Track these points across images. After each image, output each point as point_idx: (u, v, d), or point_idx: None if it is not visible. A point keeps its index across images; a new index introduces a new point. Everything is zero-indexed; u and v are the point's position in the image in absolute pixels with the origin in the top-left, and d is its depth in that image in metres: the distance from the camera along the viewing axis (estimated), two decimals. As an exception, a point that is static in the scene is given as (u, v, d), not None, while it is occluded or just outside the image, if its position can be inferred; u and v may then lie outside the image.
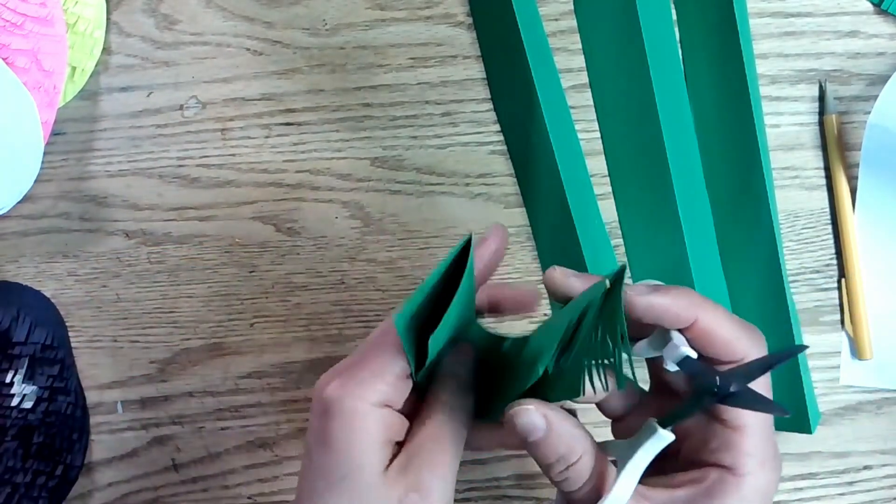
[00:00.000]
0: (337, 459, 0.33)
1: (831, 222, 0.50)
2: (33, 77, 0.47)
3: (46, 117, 0.47)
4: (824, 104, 0.50)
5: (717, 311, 0.31)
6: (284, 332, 0.49)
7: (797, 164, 0.50)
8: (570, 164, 0.47)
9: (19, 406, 0.47)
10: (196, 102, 0.50)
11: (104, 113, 0.49)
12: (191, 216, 0.49)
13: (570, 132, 0.49)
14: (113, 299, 0.49)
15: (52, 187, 0.49)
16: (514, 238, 0.49)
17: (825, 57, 0.50)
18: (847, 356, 0.50)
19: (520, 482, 0.49)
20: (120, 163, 0.49)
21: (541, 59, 0.47)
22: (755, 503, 0.30)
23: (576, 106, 0.49)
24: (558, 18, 0.50)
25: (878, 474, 0.49)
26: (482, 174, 0.50)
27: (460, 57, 0.50)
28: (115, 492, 0.49)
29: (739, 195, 0.47)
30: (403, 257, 0.49)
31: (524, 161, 0.49)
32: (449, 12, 0.50)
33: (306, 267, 0.49)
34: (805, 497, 0.49)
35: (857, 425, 0.49)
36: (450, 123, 0.50)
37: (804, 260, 0.50)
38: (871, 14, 0.50)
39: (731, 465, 0.30)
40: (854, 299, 0.49)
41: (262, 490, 0.49)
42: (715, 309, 0.31)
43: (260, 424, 0.49)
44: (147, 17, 0.50)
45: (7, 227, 0.49)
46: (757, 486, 0.30)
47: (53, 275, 0.49)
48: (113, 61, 0.50)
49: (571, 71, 0.50)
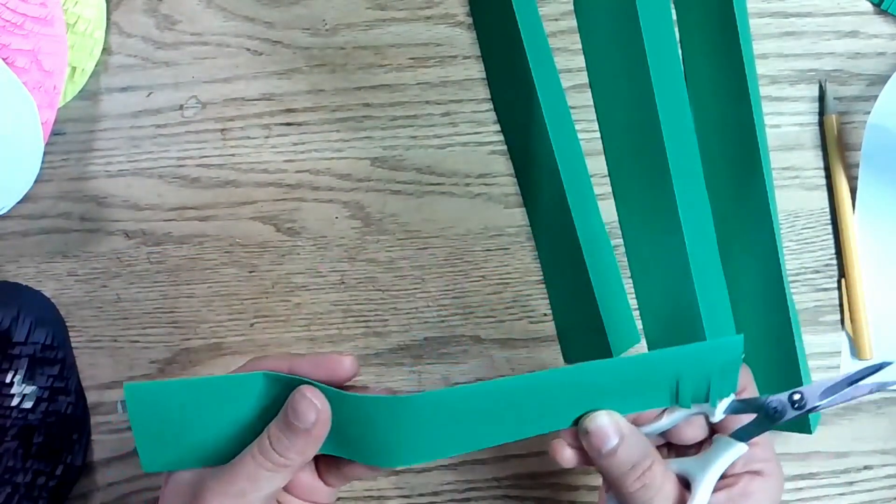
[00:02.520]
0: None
1: (831, 222, 0.50)
2: (33, 77, 0.47)
3: (46, 117, 0.47)
4: (824, 104, 0.50)
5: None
6: (284, 332, 0.49)
7: (797, 164, 0.50)
8: (570, 165, 0.47)
9: (19, 406, 0.47)
10: (196, 102, 0.50)
11: (104, 113, 0.50)
12: (191, 216, 0.49)
13: (570, 132, 0.49)
14: (113, 299, 0.49)
15: (52, 187, 0.49)
16: (514, 238, 0.50)
17: (825, 57, 0.50)
18: (847, 356, 0.50)
19: (520, 482, 0.49)
20: (120, 163, 0.49)
21: (541, 59, 0.47)
22: (777, 496, 0.36)
23: (576, 106, 0.49)
24: (558, 18, 0.50)
25: (878, 474, 0.49)
26: (482, 174, 0.50)
27: (460, 57, 0.50)
28: (115, 492, 0.49)
29: (740, 195, 0.47)
30: (403, 257, 0.49)
31: (524, 161, 0.49)
32: (449, 12, 0.50)
33: (306, 267, 0.49)
34: (805, 497, 0.49)
35: (857, 425, 0.49)
36: (450, 123, 0.50)
37: (804, 260, 0.50)
38: (871, 14, 0.50)
39: (759, 470, 0.36)
40: (854, 299, 0.49)
41: (262, 490, 0.49)
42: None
43: (260, 424, 0.49)
44: (147, 17, 0.50)
45: (7, 227, 0.49)
46: (778, 483, 0.36)
47: (53, 275, 0.49)
48: (113, 61, 0.50)
49: (571, 71, 0.50)
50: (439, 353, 0.49)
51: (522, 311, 0.49)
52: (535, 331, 0.49)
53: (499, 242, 0.49)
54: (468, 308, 0.49)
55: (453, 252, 0.49)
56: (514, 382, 0.35)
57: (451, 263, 0.49)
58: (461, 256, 0.49)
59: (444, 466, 0.49)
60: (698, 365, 0.35)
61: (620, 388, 0.35)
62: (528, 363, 0.49)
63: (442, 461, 0.49)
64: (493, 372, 0.49)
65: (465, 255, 0.49)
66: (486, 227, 0.50)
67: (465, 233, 0.50)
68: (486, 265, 0.49)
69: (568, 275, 0.47)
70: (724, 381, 0.35)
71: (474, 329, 0.49)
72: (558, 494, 0.49)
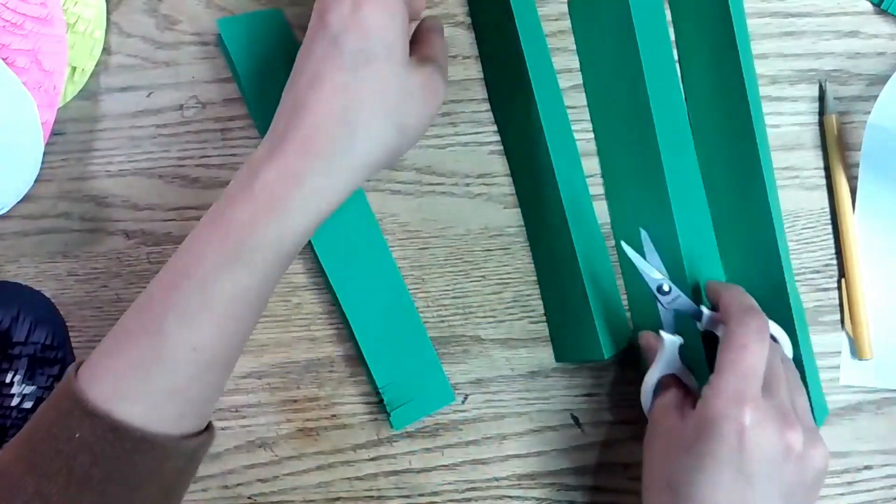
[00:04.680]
0: (373, 43, 0.38)
1: (831, 222, 0.50)
2: (33, 77, 0.47)
3: (46, 117, 0.47)
4: (824, 104, 0.50)
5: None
6: (284, 332, 0.49)
7: (797, 164, 0.50)
8: (565, 165, 0.47)
9: (19, 406, 0.47)
10: (196, 102, 0.50)
11: (104, 113, 0.50)
12: (191, 216, 0.49)
13: (566, 133, 0.49)
14: (113, 299, 0.49)
15: (52, 187, 0.49)
16: (514, 238, 0.50)
17: (825, 57, 0.50)
18: (847, 356, 0.50)
19: (520, 482, 0.49)
20: (120, 163, 0.49)
21: (539, 61, 0.47)
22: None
23: (577, 106, 0.49)
24: (558, 18, 0.50)
25: (878, 474, 0.49)
26: (482, 174, 0.50)
27: (460, 57, 0.50)
28: (115, 492, 0.49)
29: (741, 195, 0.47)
30: (403, 257, 0.49)
31: (520, 162, 0.49)
32: (449, 12, 0.50)
33: (306, 267, 0.49)
34: (805, 497, 0.49)
35: (857, 425, 0.49)
36: (450, 123, 0.50)
37: (804, 260, 0.50)
38: (871, 14, 0.50)
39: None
40: (854, 299, 0.49)
41: (262, 490, 0.49)
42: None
43: (260, 424, 0.49)
44: (147, 17, 0.50)
45: (7, 227, 0.49)
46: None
47: (53, 275, 0.49)
48: (113, 61, 0.50)
49: (571, 71, 0.50)
50: (439, 353, 0.49)
51: (522, 311, 0.49)
52: (535, 331, 0.49)
53: (499, 242, 0.49)
54: (468, 308, 0.49)
55: (453, 252, 0.49)
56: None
57: (451, 263, 0.49)
58: (461, 256, 0.49)
59: (444, 466, 0.49)
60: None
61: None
62: (529, 363, 0.49)
63: (442, 461, 0.49)
64: (494, 372, 0.49)
65: (465, 255, 0.49)
66: (486, 227, 0.50)
67: (465, 233, 0.49)
68: (486, 265, 0.49)
69: (563, 275, 0.47)
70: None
71: (474, 329, 0.49)
72: (558, 494, 0.49)
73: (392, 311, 0.48)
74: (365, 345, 0.47)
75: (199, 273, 0.37)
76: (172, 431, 0.37)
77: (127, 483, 0.36)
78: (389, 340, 0.48)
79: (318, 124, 0.38)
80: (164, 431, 0.37)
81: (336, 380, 0.49)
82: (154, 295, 0.38)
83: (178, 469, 0.38)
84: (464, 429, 0.49)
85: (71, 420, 0.36)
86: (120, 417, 0.36)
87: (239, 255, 0.37)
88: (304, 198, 0.37)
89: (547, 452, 0.49)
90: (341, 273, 0.47)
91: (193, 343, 0.37)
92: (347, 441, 0.49)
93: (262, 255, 0.37)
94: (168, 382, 0.37)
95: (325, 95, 0.38)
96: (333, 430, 0.49)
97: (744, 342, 0.40)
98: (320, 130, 0.38)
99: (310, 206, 0.38)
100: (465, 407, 0.49)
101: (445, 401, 0.49)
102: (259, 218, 0.37)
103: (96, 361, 0.37)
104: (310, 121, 0.38)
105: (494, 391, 0.49)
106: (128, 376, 0.36)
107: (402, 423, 0.48)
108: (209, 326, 0.37)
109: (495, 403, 0.49)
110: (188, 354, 0.37)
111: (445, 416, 0.49)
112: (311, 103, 0.38)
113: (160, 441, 0.37)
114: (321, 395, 0.49)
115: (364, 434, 0.49)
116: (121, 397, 0.36)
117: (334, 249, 0.47)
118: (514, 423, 0.49)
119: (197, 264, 0.37)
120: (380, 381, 0.47)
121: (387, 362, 0.47)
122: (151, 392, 0.36)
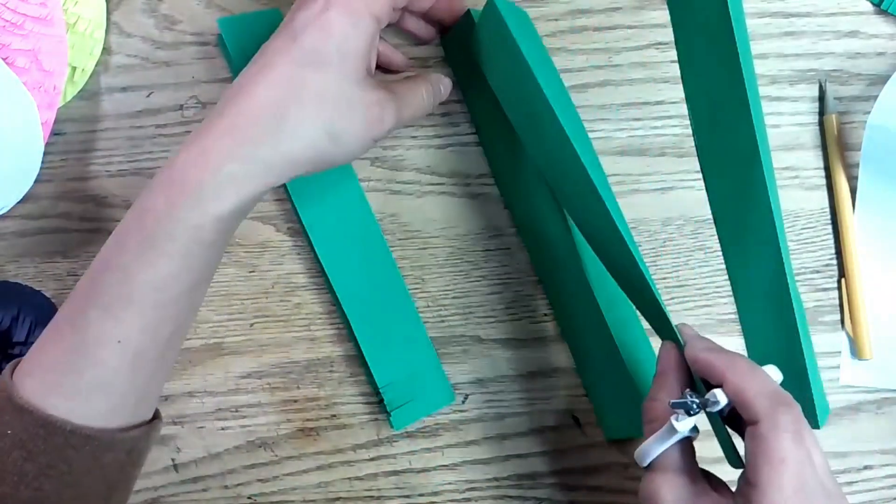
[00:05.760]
0: (330, 45, 0.38)
1: (831, 222, 0.50)
2: (33, 77, 0.47)
3: (46, 117, 0.47)
4: (824, 104, 0.50)
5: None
6: (284, 332, 0.49)
7: (797, 164, 0.50)
8: (602, 273, 0.45)
9: (19, 406, 0.47)
10: (196, 102, 0.50)
11: (104, 113, 0.50)
12: (191, 216, 0.49)
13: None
14: (113, 299, 0.49)
15: (52, 187, 0.49)
16: (514, 238, 0.50)
17: (825, 57, 0.50)
18: (847, 356, 0.50)
19: (520, 482, 0.49)
20: (120, 163, 0.49)
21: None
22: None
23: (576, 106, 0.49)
24: (558, 19, 0.50)
25: (878, 474, 0.49)
26: (482, 174, 0.50)
27: (460, 57, 0.50)
28: (115, 492, 0.49)
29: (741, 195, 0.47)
30: (403, 257, 0.49)
31: (539, 240, 0.49)
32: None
33: (306, 267, 0.49)
34: (805, 497, 0.49)
35: (857, 425, 0.49)
36: (450, 123, 0.50)
37: (804, 260, 0.50)
38: (871, 14, 0.50)
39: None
40: (854, 299, 0.49)
41: (262, 490, 0.49)
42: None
43: (260, 424, 0.49)
44: (147, 17, 0.50)
45: (7, 227, 0.49)
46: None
47: (53, 275, 0.49)
48: (113, 61, 0.50)
49: (571, 71, 0.50)
50: (439, 353, 0.49)
51: (522, 311, 0.49)
52: (535, 330, 0.49)
53: (499, 242, 0.49)
54: (468, 308, 0.49)
55: (453, 252, 0.49)
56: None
57: (452, 263, 0.49)
58: (461, 256, 0.49)
59: (444, 466, 0.49)
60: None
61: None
62: (529, 363, 0.49)
63: (442, 461, 0.49)
64: (494, 372, 0.49)
65: (465, 255, 0.49)
66: (486, 227, 0.50)
67: (465, 233, 0.50)
68: (486, 265, 0.49)
69: (601, 356, 0.47)
70: None
71: (474, 329, 0.49)
72: (558, 494, 0.49)
73: (392, 312, 0.48)
74: (365, 345, 0.47)
75: (120, 263, 0.36)
76: (106, 425, 0.37)
77: (63, 478, 0.36)
78: (389, 340, 0.48)
79: (249, 110, 0.38)
80: (96, 425, 0.36)
81: (336, 380, 0.49)
82: (79, 288, 0.37)
83: (119, 462, 0.38)
84: (464, 429, 0.49)
85: (3, 416, 0.36)
86: (49, 412, 0.35)
87: (155, 242, 0.36)
88: (217, 183, 0.37)
89: (547, 452, 0.49)
90: (341, 273, 0.47)
91: (118, 335, 0.36)
92: (347, 441, 0.49)
93: (180, 243, 0.36)
94: (95, 376, 0.36)
95: (267, 84, 0.38)
96: (333, 430, 0.49)
97: (782, 456, 0.35)
98: (249, 117, 0.38)
99: (227, 192, 0.37)
100: (465, 407, 0.49)
101: (446, 401, 0.49)
102: (174, 201, 0.36)
103: (29, 357, 0.37)
104: (244, 105, 0.38)
105: (494, 391, 0.49)
106: (56, 371, 0.36)
107: (403, 423, 0.48)
108: (132, 318, 0.36)
109: (495, 403, 0.49)
110: (113, 347, 0.36)
111: (445, 416, 0.49)
112: (251, 88, 0.38)
113: (94, 435, 0.36)
114: (321, 395, 0.49)
115: (364, 434, 0.49)
116: (50, 392, 0.36)
117: (334, 249, 0.47)
118: (514, 423, 0.49)
119: (118, 254, 0.37)
120: (380, 381, 0.47)
121: (387, 362, 0.47)
122: (80, 386, 0.36)
